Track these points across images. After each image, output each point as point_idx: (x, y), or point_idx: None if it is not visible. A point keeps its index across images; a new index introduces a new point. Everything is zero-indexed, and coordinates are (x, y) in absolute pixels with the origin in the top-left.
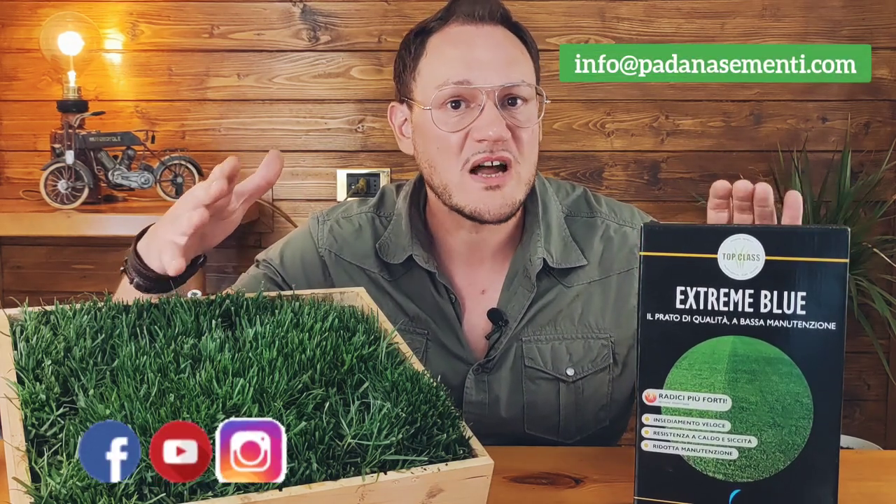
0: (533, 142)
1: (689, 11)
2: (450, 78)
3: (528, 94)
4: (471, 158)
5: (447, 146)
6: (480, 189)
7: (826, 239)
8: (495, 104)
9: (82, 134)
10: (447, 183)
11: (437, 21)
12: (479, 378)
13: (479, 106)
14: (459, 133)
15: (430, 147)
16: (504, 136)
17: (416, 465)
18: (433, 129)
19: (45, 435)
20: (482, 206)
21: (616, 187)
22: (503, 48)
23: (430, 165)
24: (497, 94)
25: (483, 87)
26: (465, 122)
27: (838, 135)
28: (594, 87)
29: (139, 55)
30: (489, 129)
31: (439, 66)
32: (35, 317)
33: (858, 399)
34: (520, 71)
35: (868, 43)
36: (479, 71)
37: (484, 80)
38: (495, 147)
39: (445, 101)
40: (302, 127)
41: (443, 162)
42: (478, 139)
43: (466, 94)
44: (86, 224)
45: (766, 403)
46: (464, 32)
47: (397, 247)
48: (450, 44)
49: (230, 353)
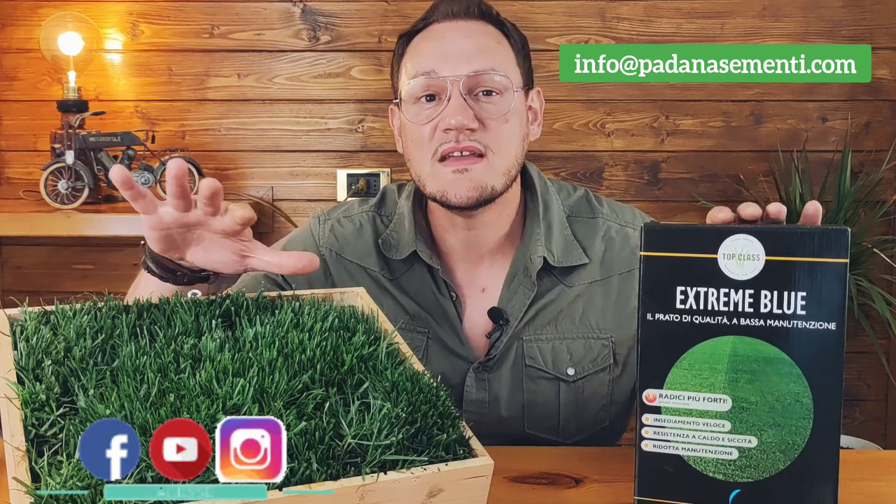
0: (511, 133)
1: (689, 11)
2: (418, 70)
3: (500, 84)
4: (439, 148)
5: (419, 138)
6: (449, 172)
7: (826, 239)
8: (461, 93)
9: (82, 134)
10: (420, 174)
11: (421, 22)
12: (480, 377)
13: (448, 97)
14: (429, 124)
15: (407, 142)
16: (469, 124)
17: (416, 465)
18: (407, 123)
19: (45, 435)
20: (450, 189)
21: (616, 187)
22: (474, 38)
23: (408, 159)
24: (463, 83)
25: (449, 77)
26: (434, 114)
27: (838, 135)
28: (594, 87)
29: (139, 55)
30: (452, 117)
31: (413, 61)
32: (35, 317)
33: (858, 399)
34: (490, 60)
35: (868, 43)
36: (446, 62)
37: (451, 69)
38: (461, 137)
39: (419, 95)
40: (302, 127)
41: (416, 153)
42: (444, 129)
43: (436, 86)
44: (86, 224)
45: (767, 403)
46: (441, 29)
47: (400, 242)
48: (426, 40)
49: (230, 353)
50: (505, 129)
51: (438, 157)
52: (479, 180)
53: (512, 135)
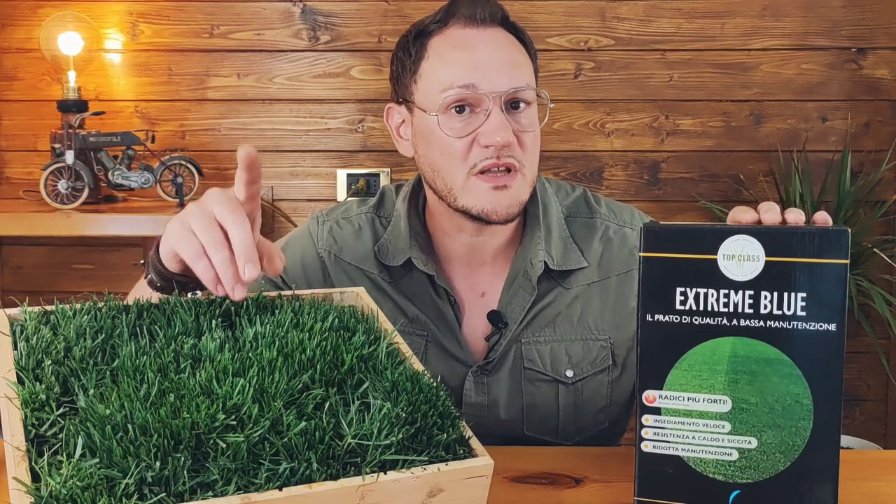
0: (536, 144)
1: (689, 11)
2: (455, 81)
3: (531, 97)
4: (478, 164)
5: (452, 151)
6: (489, 189)
7: (826, 239)
8: (501, 109)
9: (82, 134)
10: (452, 186)
11: (437, 23)
12: (479, 380)
13: (484, 111)
14: (465, 139)
15: (432, 151)
16: (511, 141)
17: (416, 465)
18: (438, 134)
19: (45, 435)
20: (490, 206)
21: (616, 187)
22: (506, 51)
23: (433, 169)
24: (503, 99)
25: (489, 93)
26: (470, 128)
27: (838, 135)
28: (594, 87)
29: (139, 55)
30: (496, 134)
31: (442, 70)
32: (35, 317)
33: (858, 399)
34: (523, 74)
35: (868, 43)
36: (483, 75)
37: (490, 84)
38: (502, 153)
39: (450, 105)
40: (302, 127)
41: (448, 166)
42: (485, 145)
43: (471, 99)
44: (86, 224)
45: (766, 404)
46: (466, 35)
47: (396, 249)
48: (452, 46)
49: (230, 353)
50: (533, 141)
51: (476, 172)
52: (517, 196)
53: (537, 146)
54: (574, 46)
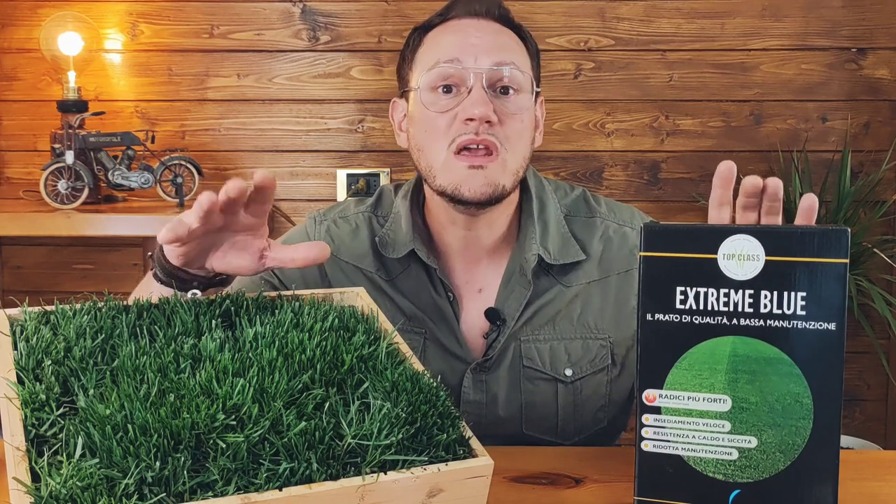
0: (522, 133)
1: (689, 11)
2: (441, 58)
3: (518, 82)
4: (457, 139)
5: (434, 127)
6: (464, 168)
7: (826, 239)
8: (483, 87)
9: (82, 134)
10: (432, 164)
11: (438, 17)
12: (477, 377)
13: (468, 89)
14: (447, 114)
15: (418, 131)
16: (490, 117)
17: (416, 465)
18: (422, 111)
19: (45, 435)
20: (464, 184)
21: (616, 187)
22: (496, 35)
23: (418, 149)
24: (486, 76)
25: (472, 69)
26: (453, 104)
27: (838, 135)
28: (594, 87)
29: (139, 55)
30: (475, 108)
31: (432, 52)
32: (35, 317)
33: (858, 399)
34: (511, 56)
35: (868, 43)
36: (469, 54)
37: (474, 60)
38: (481, 129)
39: (437, 84)
40: (302, 127)
41: (430, 143)
42: (464, 119)
43: (457, 77)
44: (86, 224)
45: (766, 404)
46: (462, 24)
47: (397, 241)
48: (446, 33)
49: (230, 353)
50: (519, 127)
51: (455, 149)
52: (492, 178)
53: (523, 134)
54: (574, 46)
